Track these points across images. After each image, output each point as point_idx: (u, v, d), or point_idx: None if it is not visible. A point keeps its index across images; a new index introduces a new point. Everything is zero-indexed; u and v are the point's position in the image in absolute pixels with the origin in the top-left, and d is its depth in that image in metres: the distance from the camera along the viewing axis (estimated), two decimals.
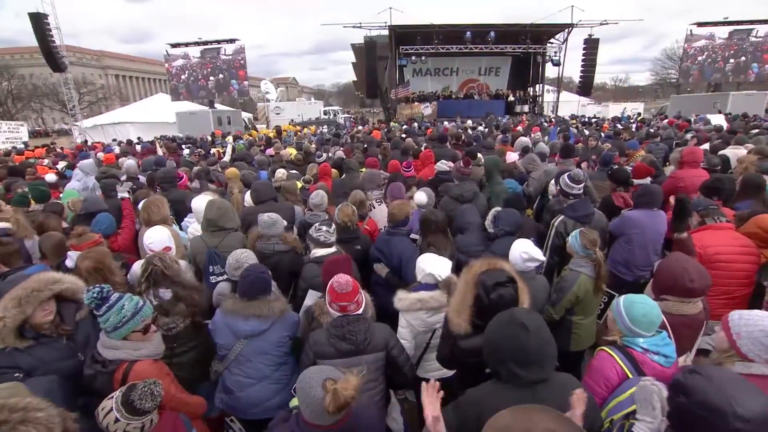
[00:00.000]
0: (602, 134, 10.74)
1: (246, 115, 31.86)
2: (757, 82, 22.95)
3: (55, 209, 3.94)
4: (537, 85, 25.85)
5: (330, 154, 8.33)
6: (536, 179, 4.96)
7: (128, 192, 4.26)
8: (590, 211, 3.24)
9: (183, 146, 11.60)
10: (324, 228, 2.79)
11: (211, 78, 22.16)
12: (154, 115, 23.39)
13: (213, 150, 9.72)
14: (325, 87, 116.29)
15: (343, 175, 5.83)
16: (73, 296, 2.03)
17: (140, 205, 3.79)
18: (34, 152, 12.42)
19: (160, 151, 10.36)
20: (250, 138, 10.76)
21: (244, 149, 7.82)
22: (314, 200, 3.79)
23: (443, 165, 4.69)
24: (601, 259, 2.60)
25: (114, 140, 17.04)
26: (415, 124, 15.23)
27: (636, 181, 4.71)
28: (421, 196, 3.51)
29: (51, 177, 5.75)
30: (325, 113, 34.72)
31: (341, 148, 8.88)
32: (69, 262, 2.62)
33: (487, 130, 12.07)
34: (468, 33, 21.01)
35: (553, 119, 20.26)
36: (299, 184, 4.88)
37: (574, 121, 15.15)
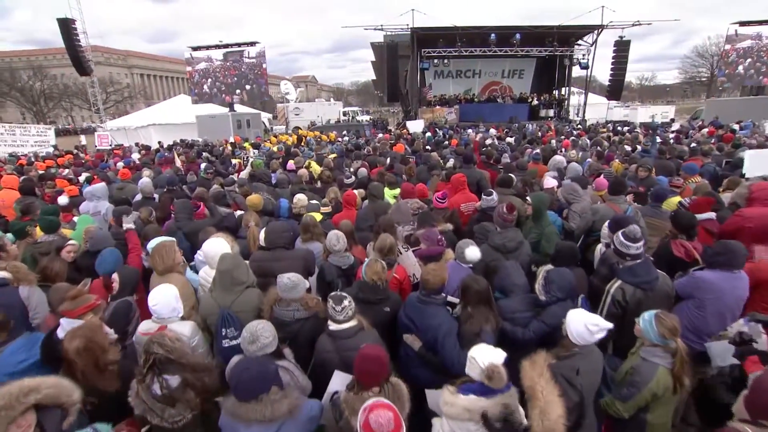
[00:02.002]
0: (638, 147, 10.07)
1: (266, 116, 31.95)
2: None
3: (58, 245, 3.71)
4: (563, 88, 24.92)
5: (352, 170, 7.99)
6: (580, 215, 4.48)
7: (134, 223, 3.98)
8: (653, 275, 2.76)
9: (202, 153, 11.47)
10: (332, 305, 2.44)
11: (238, 91, 22.17)
12: (175, 116, 23.58)
13: (234, 161, 9.49)
14: (344, 85, 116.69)
15: (365, 202, 5.49)
16: (56, 402, 1.71)
17: (149, 246, 3.53)
18: (61, 159, 12.45)
19: (178, 161, 10.24)
20: (270, 149, 10.49)
21: (262, 165, 7.52)
22: (335, 245, 3.44)
23: (490, 199, 4.25)
24: (683, 351, 2.15)
25: (136, 144, 17.13)
26: (440, 133, 14.72)
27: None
28: (474, 253, 3.10)
29: (63, 199, 5.55)
30: (345, 114, 34.54)
31: (363, 162, 8.54)
32: (60, 333, 2.32)
33: (515, 141, 11.50)
34: (492, 35, 20.33)
35: (579, 125, 19.44)
36: (319, 216, 4.54)
37: (605, 130, 14.38)
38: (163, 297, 2.58)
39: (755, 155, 6.27)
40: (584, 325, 2.16)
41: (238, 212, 5.31)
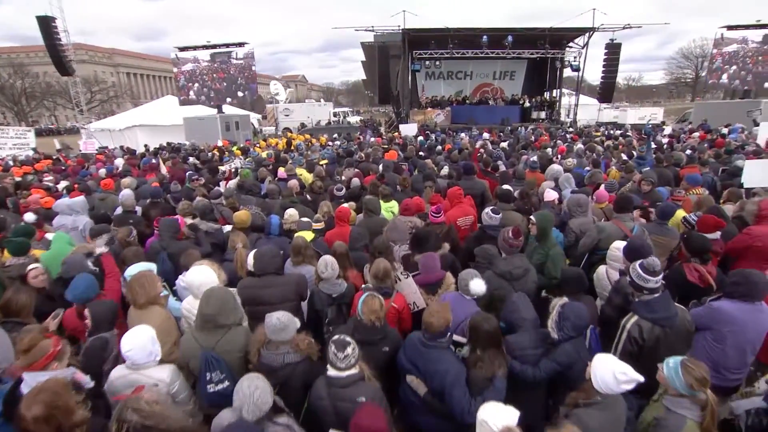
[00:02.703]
0: (633, 152, 10.00)
1: (255, 116, 31.49)
2: None
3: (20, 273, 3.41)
4: (554, 90, 24.92)
5: (344, 178, 7.75)
6: (579, 231, 4.31)
7: (106, 246, 3.68)
8: (672, 312, 2.56)
9: (188, 159, 11.11)
10: (333, 350, 2.21)
11: (228, 99, 21.66)
12: (162, 118, 23.05)
13: (223, 168, 9.15)
14: (335, 85, 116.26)
15: (360, 215, 5.25)
16: None
17: (127, 273, 3.25)
18: (39, 164, 11.92)
19: (163, 168, 9.88)
20: (258, 155, 10.17)
21: (251, 175, 7.21)
22: (323, 273, 3.21)
23: (491, 217, 4.04)
24: (714, 402, 1.97)
25: (120, 147, 16.59)
26: (432, 137, 14.51)
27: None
28: (479, 286, 2.87)
29: (30, 216, 5.10)
30: (335, 115, 34.26)
31: (355, 170, 8.30)
32: (25, 388, 2.06)
33: (508, 146, 11.35)
34: (484, 37, 20.19)
35: (570, 128, 19.42)
36: (310, 235, 4.29)
37: (598, 134, 14.33)
38: (138, 341, 2.32)
39: (754, 165, 6.19)
40: (612, 373, 1.97)
41: (226, 227, 5.05)
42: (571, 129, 16.94)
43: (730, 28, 20.49)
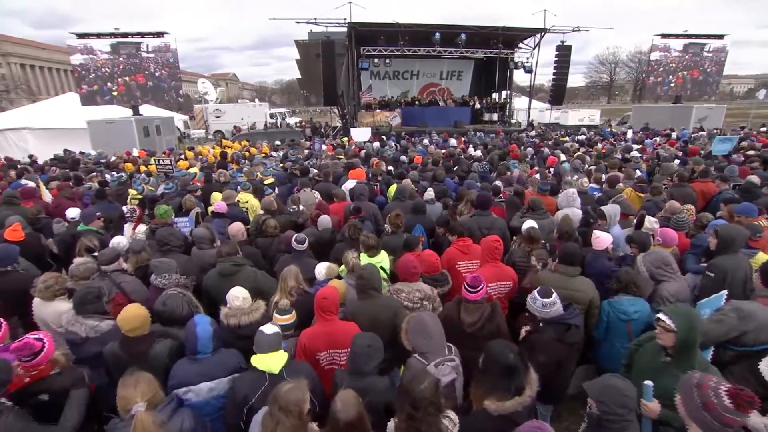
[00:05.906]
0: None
1: (180, 118, 27.87)
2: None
3: None
4: (503, 91, 24.52)
5: (302, 208, 5.86)
6: (674, 304, 2.93)
7: None
8: None
9: (82, 181, 8.36)
10: None
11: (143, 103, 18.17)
12: (62, 119, 19.03)
13: (132, 196, 6.69)
14: (268, 84, 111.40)
15: (348, 290, 3.45)
16: None
17: None
18: None
19: (47, 194, 7.23)
20: (185, 173, 7.80)
21: (171, 215, 4.96)
22: None
23: (544, 305, 2.60)
24: None
25: None
26: (391, 143, 12.91)
27: None
28: None
29: None
30: (272, 116, 31.54)
31: (315, 191, 6.47)
32: None
33: (484, 157, 10.06)
34: (436, 34, 19.01)
35: (533, 133, 18.89)
36: (282, 358, 2.39)
37: (566, 139, 13.68)
38: None
39: None
40: None
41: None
42: (533, 133, 16.28)
43: (664, 36, 21.31)
